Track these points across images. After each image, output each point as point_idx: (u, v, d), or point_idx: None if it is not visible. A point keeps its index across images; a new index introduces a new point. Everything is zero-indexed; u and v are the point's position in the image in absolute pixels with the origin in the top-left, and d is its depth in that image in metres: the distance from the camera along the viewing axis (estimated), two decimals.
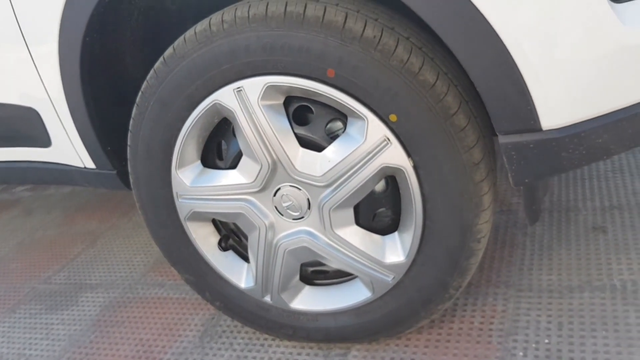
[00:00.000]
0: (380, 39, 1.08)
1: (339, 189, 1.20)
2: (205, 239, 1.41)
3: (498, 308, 1.44)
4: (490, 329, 1.38)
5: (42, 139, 1.61)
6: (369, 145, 1.14)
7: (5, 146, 1.73)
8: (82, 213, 2.63)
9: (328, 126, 1.22)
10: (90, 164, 1.56)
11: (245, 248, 1.44)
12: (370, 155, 1.15)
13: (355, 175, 1.17)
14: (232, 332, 1.57)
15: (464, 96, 1.13)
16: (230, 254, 1.43)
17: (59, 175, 1.69)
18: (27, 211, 2.83)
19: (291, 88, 1.16)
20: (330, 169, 1.18)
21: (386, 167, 1.15)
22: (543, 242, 1.64)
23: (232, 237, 1.45)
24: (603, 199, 1.79)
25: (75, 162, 1.59)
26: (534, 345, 1.30)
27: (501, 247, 1.67)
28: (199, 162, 1.33)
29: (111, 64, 1.45)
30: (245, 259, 1.44)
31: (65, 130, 1.51)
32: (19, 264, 2.28)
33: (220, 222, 1.43)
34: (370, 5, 1.15)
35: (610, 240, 1.59)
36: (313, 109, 1.21)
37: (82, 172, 1.60)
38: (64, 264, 2.19)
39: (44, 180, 1.76)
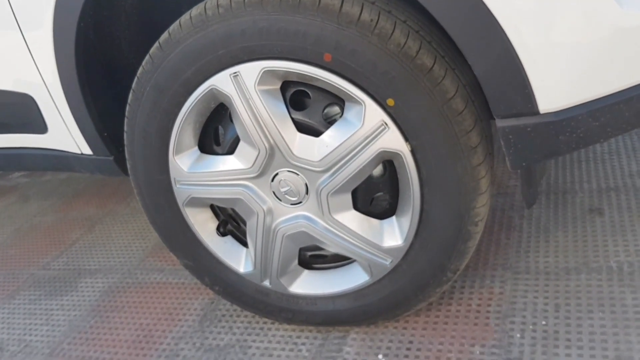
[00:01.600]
0: (377, 23, 1.07)
1: (336, 174, 1.20)
2: (203, 224, 1.41)
3: (495, 290, 1.45)
4: (488, 311, 1.39)
5: (38, 125, 1.60)
6: (367, 129, 1.14)
7: (1, 133, 1.72)
8: (79, 199, 2.63)
9: (325, 111, 1.22)
10: (87, 150, 1.55)
11: (244, 233, 1.44)
12: (368, 139, 1.15)
13: (352, 160, 1.17)
14: (231, 316, 1.58)
15: (461, 80, 1.12)
16: (229, 239, 1.44)
17: (55, 161, 1.68)
18: (24, 197, 2.82)
19: (288, 73, 1.15)
20: (328, 154, 1.18)
21: (384, 151, 1.15)
22: (540, 225, 1.65)
23: (231, 222, 1.45)
24: (599, 181, 1.80)
25: (72, 148, 1.59)
26: (531, 327, 1.31)
27: (498, 229, 1.67)
28: (196, 147, 1.33)
29: (106, 48, 1.44)
30: (244, 244, 1.44)
31: (62, 116, 1.50)
32: (17, 250, 2.28)
33: (218, 207, 1.43)
34: None
35: (606, 222, 1.60)
36: (310, 93, 1.21)
37: (79, 158, 1.60)
38: (62, 249, 2.19)
39: (41, 167, 1.76)
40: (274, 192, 1.30)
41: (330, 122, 1.22)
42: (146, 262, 1.96)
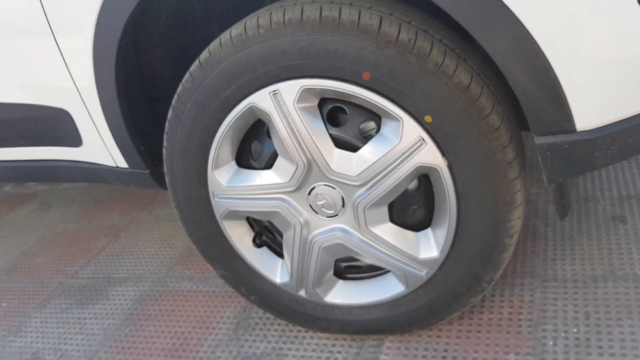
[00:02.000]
0: (415, 42, 1.10)
1: (373, 188, 1.23)
2: (240, 236, 1.45)
3: (525, 298, 1.48)
4: (520, 319, 1.42)
5: (73, 139, 1.64)
6: (404, 145, 1.17)
7: (34, 145, 1.76)
8: (101, 206, 2.67)
9: (361, 126, 1.26)
10: (123, 164, 1.59)
11: (279, 244, 1.47)
12: (405, 155, 1.18)
13: (390, 175, 1.21)
14: (264, 324, 1.61)
15: (497, 96, 1.16)
16: (265, 250, 1.47)
17: (89, 174, 1.72)
18: (45, 205, 2.86)
19: (326, 90, 1.19)
20: (366, 169, 1.22)
21: (421, 166, 1.18)
22: (564, 233, 1.68)
23: (266, 233, 1.48)
24: (620, 188, 1.83)
25: (107, 161, 1.62)
26: (563, 334, 1.34)
27: (524, 237, 1.70)
28: (233, 162, 1.37)
29: (142, 65, 1.48)
30: (279, 254, 1.48)
31: (98, 130, 1.53)
32: (44, 259, 2.32)
33: (254, 219, 1.47)
34: (402, 7, 1.18)
35: (629, 230, 1.63)
36: (347, 110, 1.24)
37: (114, 171, 1.63)
38: (89, 258, 2.23)
39: (73, 179, 1.79)
40: (310, 205, 1.33)
41: (365, 136, 1.25)
42: (175, 270, 2.00)
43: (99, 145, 1.59)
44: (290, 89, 1.20)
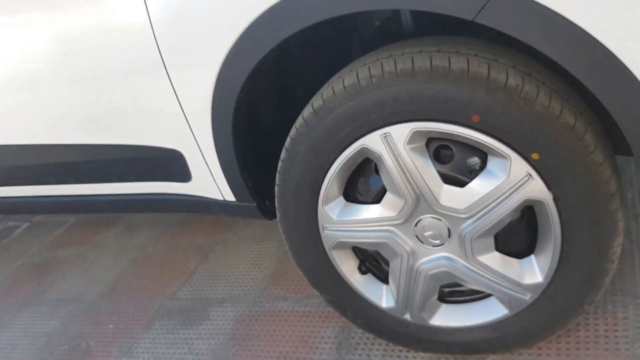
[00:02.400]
0: (522, 87, 1.19)
1: (480, 220, 1.32)
2: (347, 264, 1.56)
3: (619, 315, 1.55)
4: (616, 336, 1.49)
5: (182, 175, 1.77)
6: (512, 180, 1.25)
7: (142, 181, 1.90)
8: (186, 228, 2.82)
9: (466, 161, 1.35)
10: (231, 198, 1.72)
11: (383, 271, 1.58)
12: (512, 189, 1.27)
13: (497, 208, 1.29)
14: (365, 344, 1.72)
15: (598, 133, 1.23)
16: (369, 276, 1.58)
17: (194, 206, 1.85)
18: (131, 227, 3.03)
19: (435, 132, 1.28)
20: (473, 203, 1.31)
21: (527, 199, 1.27)
22: None
23: (370, 261, 1.59)
24: None
25: (215, 195, 1.75)
26: None
27: None
28: (341, 197, 1.47)
29: (252, 109, 1.60)
30: (382, 280, 1.58)
31: (209, 168, 1.66)
32: (140, 281, 2.48)
33: (358, 248, 1.57)
34: (503, 51, 1.27)
35: None
36: (453, 148, 1.34)
37: (221, 204, 1.76)
38: (183, 279, 2.38)
39: (178, 210, 1.93)
40: (417, 236, 1.43)
41: (469, 170, 1.34)
42: (268, 290, 2.12)
43: (208, 182, 1.72)
44: (400, 131, 1.30)
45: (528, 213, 1.35)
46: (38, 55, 1.65)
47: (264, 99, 1.67)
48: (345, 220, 1.46)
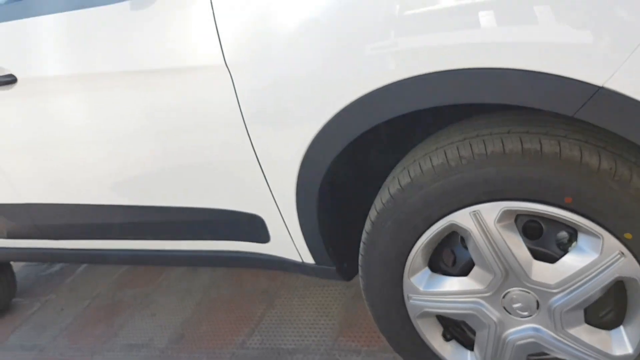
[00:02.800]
0: (616, 170, 1.21)
1: (570, 294, 1.34)
2: (431, 331, 1.58)
3: None
4: None
5: (260, 237, 1.83)
6: (604, 258, 1.27)
7: (220, 239, 1.96)
8: (248, 270, 2.87)
9: (555, 235, 1.36)
10: (309, 260, 1.76)
11: (466, 337, 1.60)
12: (604, 266, 1.28)
13: (587, 283, 1.31)
14: None
15: None
16: (454, 343, 1.60)
17: (271, 264, 1.90)
18: (193, 269, 3.10)
19: (525, 211, 1.31)
20: (564, 279, 1.32)
21: (619, 277, 1.28)
22: None
23: (454, 327, 1.61)
24: None
25: (293, 256, 1.80)
26: None
27: None
28: (427, 268, 1.50)
29: (334, 184, 1.64)
30: (465, 346, 1.60)
31: (290, 233, 1.71)
32: (208, 327, 2.54)
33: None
34: (591, 131, 1.28)
35: None
36: (542, 224, 1.36)
37: (299, 265, 1.81)
38: (252, 326, 2.43)
39: (253, 267, 1.98)
40: (504, 307, 1.45)
41: (559, 244, 1.36)
42: (339, 342, 2.16)
43: (287, 244, 1.77)
44: (491, 210, 1.33)
45: (618, 284, 1.36)
46: (130, 132, 1.74)
47: (345, 174, 1.71)
48: (431, 292, 1.49)
